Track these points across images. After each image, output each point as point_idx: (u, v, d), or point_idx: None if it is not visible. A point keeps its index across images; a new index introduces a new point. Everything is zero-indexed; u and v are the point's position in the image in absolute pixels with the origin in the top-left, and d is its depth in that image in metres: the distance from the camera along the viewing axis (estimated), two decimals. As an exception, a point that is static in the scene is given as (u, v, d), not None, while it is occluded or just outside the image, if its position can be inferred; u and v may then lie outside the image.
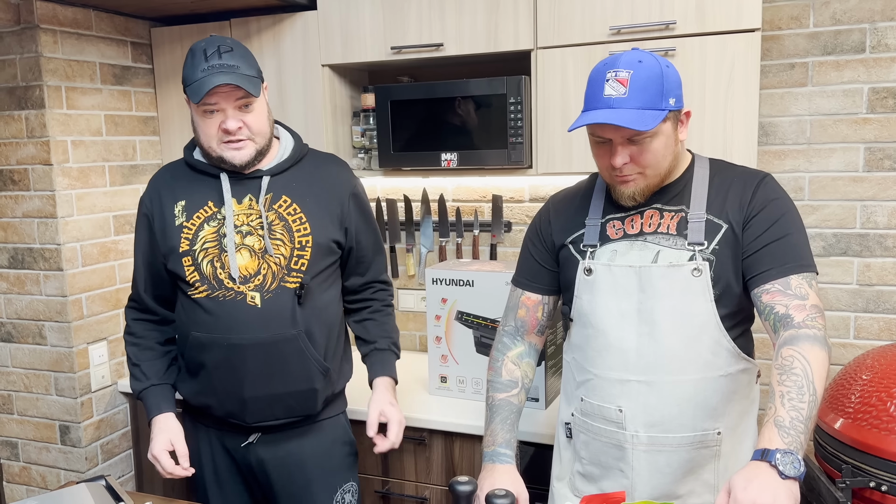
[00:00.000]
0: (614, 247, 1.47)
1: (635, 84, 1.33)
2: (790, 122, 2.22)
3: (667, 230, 1.44)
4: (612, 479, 1.48)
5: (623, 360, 1.44)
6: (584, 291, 1.49)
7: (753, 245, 1.39)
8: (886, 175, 2.14)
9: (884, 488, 1.62)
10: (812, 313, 1.31)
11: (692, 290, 1.39)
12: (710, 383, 1.41)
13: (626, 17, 2.00)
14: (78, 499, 1.42)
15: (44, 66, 2.27)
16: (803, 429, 1.17)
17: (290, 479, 1.79)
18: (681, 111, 1.41)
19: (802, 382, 1.21)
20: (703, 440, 1.43)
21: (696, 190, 1.45)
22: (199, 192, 1.73)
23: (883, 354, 1.82)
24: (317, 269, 1.73)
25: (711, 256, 1.40)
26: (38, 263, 2.38)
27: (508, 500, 1.24)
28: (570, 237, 1.54)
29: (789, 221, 1.39)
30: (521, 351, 1.64)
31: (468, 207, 2.63)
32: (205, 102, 1.61)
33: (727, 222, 1.41)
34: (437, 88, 2.23)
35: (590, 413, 1.51)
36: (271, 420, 1.74)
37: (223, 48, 1.62)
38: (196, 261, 1.70)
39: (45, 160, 2.31)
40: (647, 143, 1.36)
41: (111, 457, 2.54)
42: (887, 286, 2.18)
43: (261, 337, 1.68)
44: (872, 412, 1.69)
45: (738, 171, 1.48)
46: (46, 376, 2.44)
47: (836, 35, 2.14)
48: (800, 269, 1.35)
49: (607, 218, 1.50)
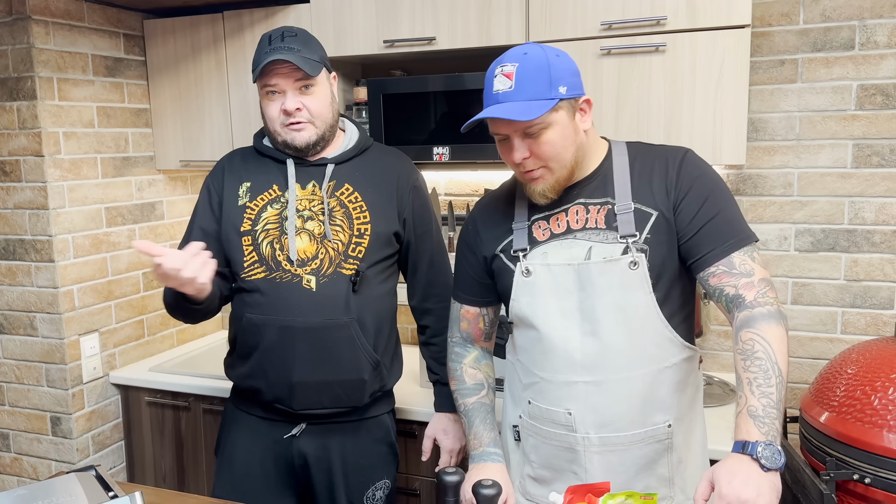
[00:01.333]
0: (544, 249, 1.44)
1: (521, 76, 1.32)
2: (779, 119, 2.23)
3: (595, 224, 1.41)
4: (565, 482, 1.45)
5: (569, 362, 1.41)
6: (522, 294, 1.45)
7: (689, 229, 1.36)
8: (874, 171, 2.16)
9: (867, 480, 1.64)
10: (762, 288, 1.30)
11: (631, 284, 1.37)
12: (657, 376, 1.39)
13: (617, 12, 2.01)
14: (68, 488, 1.42)
15: (36, 57, 2.26)
16: (776, 414, 1.17)
17: (327, 474, 1.79)
18: (577, 99, 1.37)
19: (767, 365, 1.21)
20: (655, 434, 1.41)
21: (618, 179, 1.41)
22: (265, 175, 1.77)
23: (868, 349, 1.84)
24: (374, 259, 1.74)
25: (645, 246, 1.37)
26: (30, 255, 2.38)
27: (495, 490, 1.25)
28: (499, 246, 1.51)
29: (718, 197, 1.37)
30: (475, 355, 1.62)
31: (460, 201, 2.64)
32: (265, 84, 1.68)
33: (656, 209, 1.38)
34: (430, 82, 2.24)
35: (538, 416, 1.47)
36: (318, 408, 1.74)
37: (287, 34, 1.69)
38: (256, 241, 1.72)
39: (37, 151, 2.30)
40: (542, 135, 1.34)
41: (102, 448, 2.55)
42: (874, 282, 2.20)
43: (313, 321, 1.69)
44: (857, 406, 1.71)
45: (658, 151, 1.45)
46: (38, 367, 2.45)
47: (826, 32, 2.15)
48: (739, 243, 1.34)
49: (533, 219, 1.47)
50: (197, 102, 2.57)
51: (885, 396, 1.67)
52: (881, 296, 2.20)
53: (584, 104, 1.39)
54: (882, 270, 2.19)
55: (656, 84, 2.00)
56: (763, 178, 2.27)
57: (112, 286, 2.55)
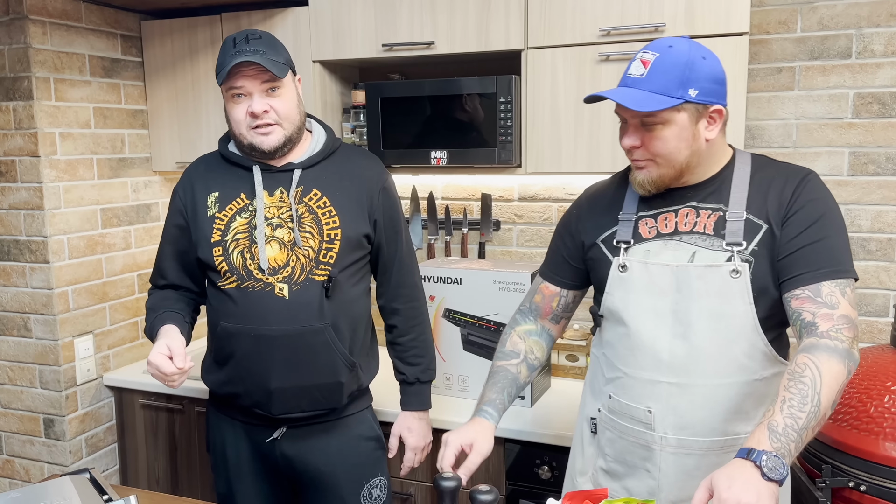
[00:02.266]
0: (647, 246, 1.43)
1: (656, 67, 1.31)
2: (777, 126, 2.24)
3: (703, 230, 1.39)
4: (638, 479, 1.46)
5: (655, 361, 1.40)
6: (616, 288, 1.45)
7: (789, 247, 1.33)
8: (870, 179, 2.17)
9: (863, 488, 1.64)
10: (839, 324, 1.26)
11: (730, 292, 1.35)
12: (744, 387, 1.37)
13: (615, 18, 2.02)
14: (62, 491, 1.41)
15: (32, 57, 2.25)
16: (795, 437, 1.14)
17: (316, 475, 1.79)
18: (708, 107, 1.34)
19: (808, 392, 1.18)
20: (735, 444, 1.38)
21: (735, 188, 1.39)
22: (232, 184, 1.76)
23: (864, 356, 1.84)
24: (345, 263, 1.74)
25: (750, 258, 1.35)
26: (25, 255, 2.37)
27: (492, 496, 1.24)
28: (601, 235, 1.50)
29: (828, 223, 1.33)
30: (529, 328, 1.62)
31: (457, 205, 2.64)
32: (231, 86, 1.66)
33: (767, 222, 1.35)
34: (428, 86, 2.23)
35: (617, 411, 1.48)
36: (297, 412, 1.74)
37: (252, 36, 1.67)
38: (227, 251, 1.72)
39: (33, 152, 2.29)
40: (657, 130, 1.33)
41: (96, 450, 2.54)
42: (870, 289, 2.21)
43: (288, 328, 1.69)
44: (853, 413, 1.71)
45: (781, 167, 1.42)
46: (31, 369, 2.43)
47: (823, 40, 2.16)
48: (834, 275, 1.29)
49: (640, 215, 1.46)
50: (194, 104, 2.57)
51: (880, 404, 1.67)
52: (877, 303, 2.21)
53: (714, 113, 1.35)
54: (878, 278, 2.20)
55: (654, 90, 2.01)
56: (760, 185, 2.27)
57: (107, 288, 2.54)
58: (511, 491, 2.07)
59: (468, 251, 2.62)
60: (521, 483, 2.06)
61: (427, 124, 2.26)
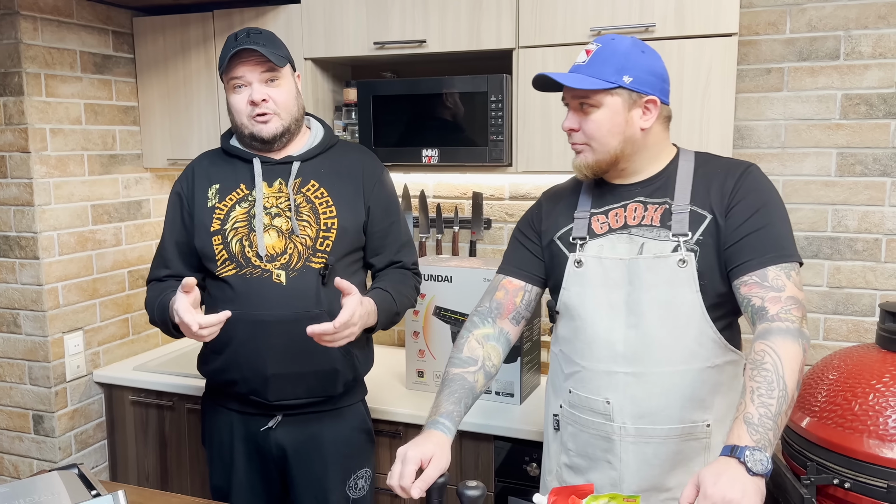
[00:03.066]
0: (601, 241, 1.48)
1: (597, 55, 1.40)
2: (765, 127, 2.26)
3: (650, 222, 1.45)
4: (600, 471, 1.49)
5: (611, 352, 1.45)
6: (573, 284, 1.49)
7: (734, 236, 1.39)
8: (857, 180, 2.19)
9: (847, 485, 1.66)
10: (787, 305, 1.31)
11: (678, 281, 1.40)
12: (697, 374, 1.42)
13: (606, 18, 2.03)
14: (50, 487, 1.41)
15: (23, 52, 2.25)
16: (772, 425, 1.18)
17: (307, 464, 1.82)
18: (642, 96, 1.40)
19: (772, 378, 1.22)
20: (692, 432, 1.44)
21: (680, 182, 1.45)
22: (233, 175, 1.81)
23: (849, 355, 1.86)
24: (341, 252, 1.77)
25: (696, 247, 1.41)
26: (14, 251, 2.36)
27: (479, 492, 1.25)
28: (558, 232, 1.55)
29: (771, 211, 1.39)
30: (488, 332, 1.56)
31: (449, 204, 2.64)
32: (232, 76, 1.72)
33: (711, 212, 1.41)
34: (420, 85, 2.24)
35: (578, 405, 1.51)
36: (292, 399, 1.77)
37: (253, 32, 1.74)
38: (226, 239, 1.76)
39: (23, 148, 2.29)
40: (592, 113, 1.41)
41: (85, 447, 2.53)
42: (856, 289, 2.23)
43: (285, 314, 1.72)
44: (838, 411, 1.72)
45: (723, 162, 1.49)
46: (20, 365, 2.43)
47: (812, 42, 2.18)
48: (778, 259, 1.35)
49: (593, 212, 1.52)
50: (185, 101, 2.56)
51: (865, 402, 1.69)
52: (863, 303, 2.22)
53: (649, 103, 1.41)
54: (864, 278, 2.22)
55: (644, 90, 2.02)
56: (748, 185, 2.29)
57: (97, 284, 2.53)
58: (501, 488, 2.08)
59: (459, 249, 2.63)
60: (510, 480, 2.07)
61: (418, 123, 2.26)
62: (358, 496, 1.88)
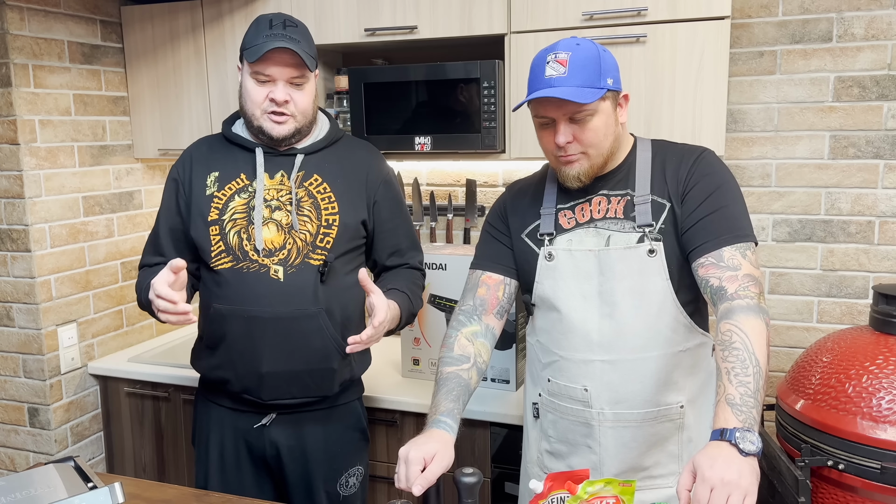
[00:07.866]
0: (569, 236, 1.50)
1: (574, 63, 1.38)
2: (758, 110, 2.25)
3: (614, 214, 1.47)
4: (580, 456, 1.52)
5: (586, 341, 1.47)
6: (545, 277, 1.51)
7: (689, 220, 1.42)
8: (850, 163, 2.19)
9: (841, 467, 1.67)
10: (744, 283, 1.34)
11: (648, 270, 1.43)
12: (671, 359, 1.46)
13: (598, 2, 2.01)
14: (46, 479, 1.42)
15: (10, 43, 2.22)
16: (754, 403, 1.20)
17: (300, 463, 1.80)
18: (619, 93, 1.45)
19: (744, 356, 1.24)
20: (667, 414, 1.48)
21: (639, 172, 1.48)
22: (233, 164, 1.76)
23: (843, 338, 1.87)
24: (342, 249, 1.74)
25: (659, 236, 1.44)
26: (6, 244, 2.35)
27: (475, 479, 1.26)
28: (525, 229, 1.57)
29: (725, 193, 1.42)
30: (475, 330, 1.58)
31: (442, 191, 2.64)
32: (259, 70, 1.65)
33: (669, 200, 1.45)
34: (411, 71, 2.23)
35: (557, 393, 1.54)
36: (287, 398, 1.74)
37: (289, 22, 1.68)
38: (223, 230, 1.71)
39: (13, 139, 2.27)
40: (587, 121, 1.40)
41: (81, 439, 2.53)
42: (849, 271, 2.23)
43: (281, 311, 1.68)
44: (831, 393, 1.74)
45: (678, 148, 1.52)
46: (14, 358, 2.42)
47: (804, 24, 2.17)
48: (733, 239, 1.38)
49: (559, 208, 1.54)
50: (175, 90, 2.54)
51: (858, 384, 1.70)
52: (856, 285, 2.23)
53: (622, 99, 1.46)
54: (857, 260, 2.22)
55: (637, 75, 2.01)
56: (741, 169, 2.29)
57: (90, 276, 2.52)
58: (497, 474, 2.09)
59: (453, 237, 2.62)
60: (506, 466, 2.08)
61: (411, 110, 2.25)
62: (349, 493, 1.86)
